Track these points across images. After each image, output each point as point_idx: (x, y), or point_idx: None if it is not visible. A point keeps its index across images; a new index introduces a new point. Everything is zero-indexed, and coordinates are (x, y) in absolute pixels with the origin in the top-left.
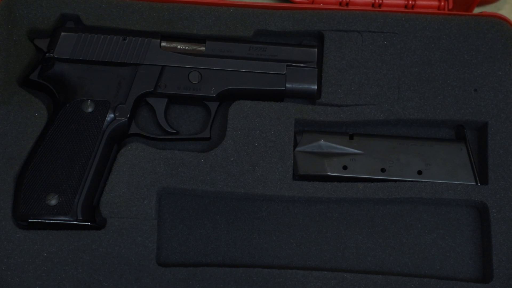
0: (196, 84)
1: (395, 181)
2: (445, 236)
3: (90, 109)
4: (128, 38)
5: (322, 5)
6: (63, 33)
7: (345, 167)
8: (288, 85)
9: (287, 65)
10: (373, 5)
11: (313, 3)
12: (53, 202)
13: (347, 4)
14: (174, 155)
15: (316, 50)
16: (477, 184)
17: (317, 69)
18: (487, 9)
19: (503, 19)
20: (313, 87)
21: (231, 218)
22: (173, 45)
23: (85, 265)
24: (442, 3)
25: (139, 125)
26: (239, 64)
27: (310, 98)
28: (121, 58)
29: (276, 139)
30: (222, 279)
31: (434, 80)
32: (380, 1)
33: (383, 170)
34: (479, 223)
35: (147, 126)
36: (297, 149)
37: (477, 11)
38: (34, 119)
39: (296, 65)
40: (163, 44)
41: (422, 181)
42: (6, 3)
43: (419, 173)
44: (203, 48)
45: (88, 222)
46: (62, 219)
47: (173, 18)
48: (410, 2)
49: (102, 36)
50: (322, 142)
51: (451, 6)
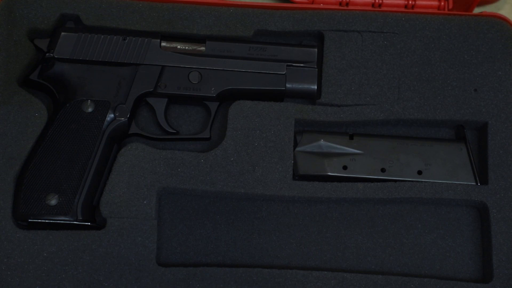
0: (196, 84)
1: (395, 181)
2: (445, 236)
3: (90, 109)
4: (128, 38)
5: (322, 5)
6: (63, 33)
7: (345, 167)
8: (288, 85)
9: (287, 65)
10: (373, 5)
11: (313, 3)
12: (53, 202)
13: (347, 4)
14: (174, 155)
15: (316, 50)
16: (477, 184)
17: (317, 69)
18: (487, 9)
19: (503, 19)
20: (313, 87)
21: (231, 218)
22: (173, 45)
23: (85, 265)
24: (442, 3)
25: (139, 125)
26: (239, 64)
27: (310, 98)
28: (121, 58)
29: (276, 139)
30: (222, 279)
31: (434, 80)
32: (380, 1)
33: (383, 170)
34: (479, 223)
35: (147, 126)
36: (297, 149)
37: (477, 11)
38: (34, 119)
39: (296, 65)
40: (163, 44)
41: (422, 181)
42: (6, 3)
43: (419, 173)
44: (203, 48)
45: (88, 222)
46: (62, 219)
47: (173, 18)
48: (410, 2)
49: (102, 36)
50: (322, 142)
51: (451, 6)
